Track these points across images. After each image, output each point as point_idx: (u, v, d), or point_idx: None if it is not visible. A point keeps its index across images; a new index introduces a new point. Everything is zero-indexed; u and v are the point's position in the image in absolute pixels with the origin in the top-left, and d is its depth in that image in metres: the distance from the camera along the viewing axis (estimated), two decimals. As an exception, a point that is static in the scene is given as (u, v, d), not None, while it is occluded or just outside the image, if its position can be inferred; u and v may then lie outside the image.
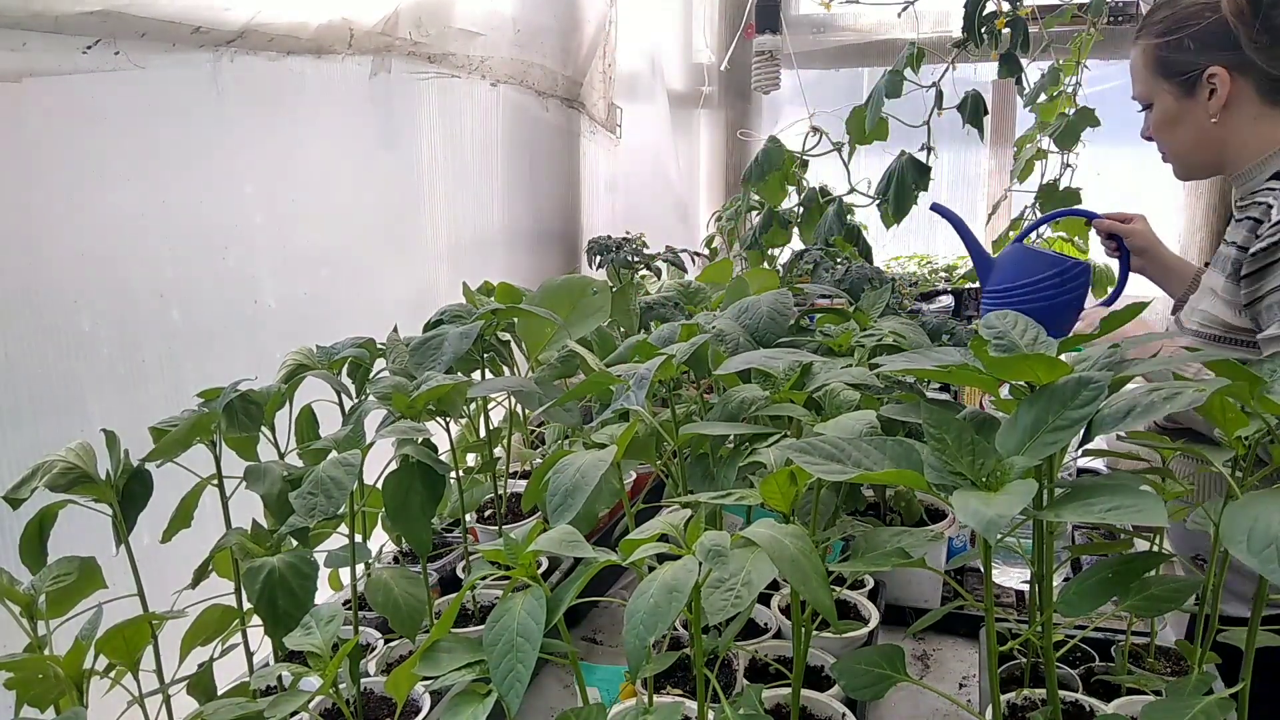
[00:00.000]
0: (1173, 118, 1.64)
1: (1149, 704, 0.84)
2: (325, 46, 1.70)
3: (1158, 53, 1.63)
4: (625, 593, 1.66)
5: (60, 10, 1.21)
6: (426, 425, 1.20)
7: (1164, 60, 1.62)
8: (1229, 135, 1.58)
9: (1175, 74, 1.60)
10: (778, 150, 3.18)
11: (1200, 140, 1.62)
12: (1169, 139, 1.67)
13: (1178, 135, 1.65)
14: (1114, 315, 0.98)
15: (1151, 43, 1.64)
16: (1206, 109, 1.58)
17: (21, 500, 1.02)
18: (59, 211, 1.28)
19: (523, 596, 0.83)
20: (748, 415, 1.13)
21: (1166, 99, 1.64)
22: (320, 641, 0.98)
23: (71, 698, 0.98)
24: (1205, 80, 1.56)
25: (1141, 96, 1.70)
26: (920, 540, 0.89)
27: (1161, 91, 1.64)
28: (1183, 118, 1.62)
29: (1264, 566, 0.62)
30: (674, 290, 1.89)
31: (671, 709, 0.87)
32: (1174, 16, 1.60)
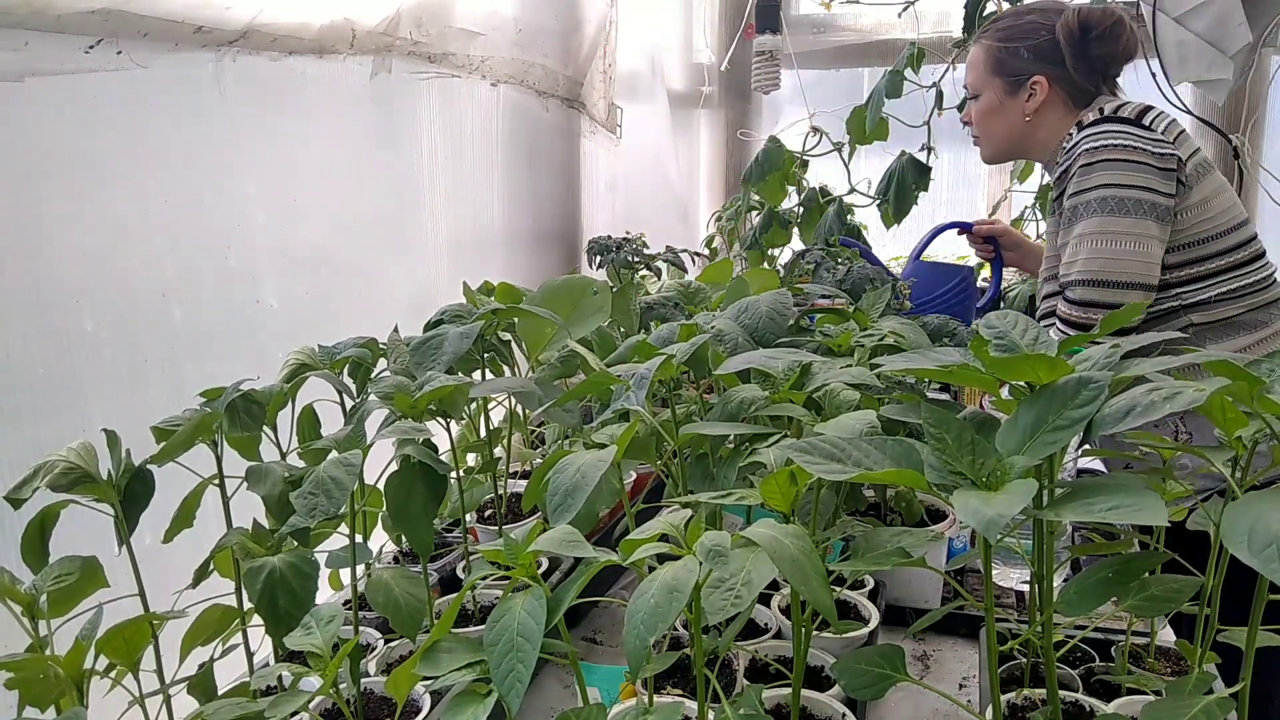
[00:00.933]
0: (994, 110, 1.98)
1: (1149, 704, 0.85)
2: (327, 46, 1.70)
3: (997, 54, 1.95)
4: (625, 593, 1.66)
5: (62, 9, 1.21)
6: (427, 425, 1.20)
7: (1000, 62, 1.95)
8: (1035, 132, 1.96)
9: (1006, 74, 1.94)
10: (778, 150, 3.19)
11: (1010, 132, 1.98)
12: (988, 125, 2.02)
13: (994, 125, 2.00)
14: (1114, 315, 0.98)
15: (993, 44, 1.96)
16: (1023, 108, 1.94)
17: (23, 500, 1.02)
18: (61, 211, 1.28)
19: (523, 596, 0.83)
20: (747, 415, 1.13)
21: (993, 94, 1.97)
22: (320, 641, 0.98)
23: (72, 698, 0.98)
24: (1029, 85, 1.91)
25: (973, 86, 2.02)
26: (920, 540, 0.89)
27: (991, 87, 1.97)
28: (1002, 111, 1.97)
29: (1265, 566, 0.62)
30: (674, 290, 1.89)
31: (672, 709, 0.87)
32: (1016, 27, 1.94)
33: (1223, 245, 1.78)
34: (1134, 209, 1.68)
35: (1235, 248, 1.79)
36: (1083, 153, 1.76)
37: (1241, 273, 1.79)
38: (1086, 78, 1.88)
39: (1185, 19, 2.93)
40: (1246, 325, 1.80)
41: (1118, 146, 1.72)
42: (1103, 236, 1.70)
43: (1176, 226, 1.74)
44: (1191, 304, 1.76)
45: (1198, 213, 1.76)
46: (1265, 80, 3.25)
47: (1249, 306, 1.79)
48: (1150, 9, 2.94)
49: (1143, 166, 1.70)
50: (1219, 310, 1.78)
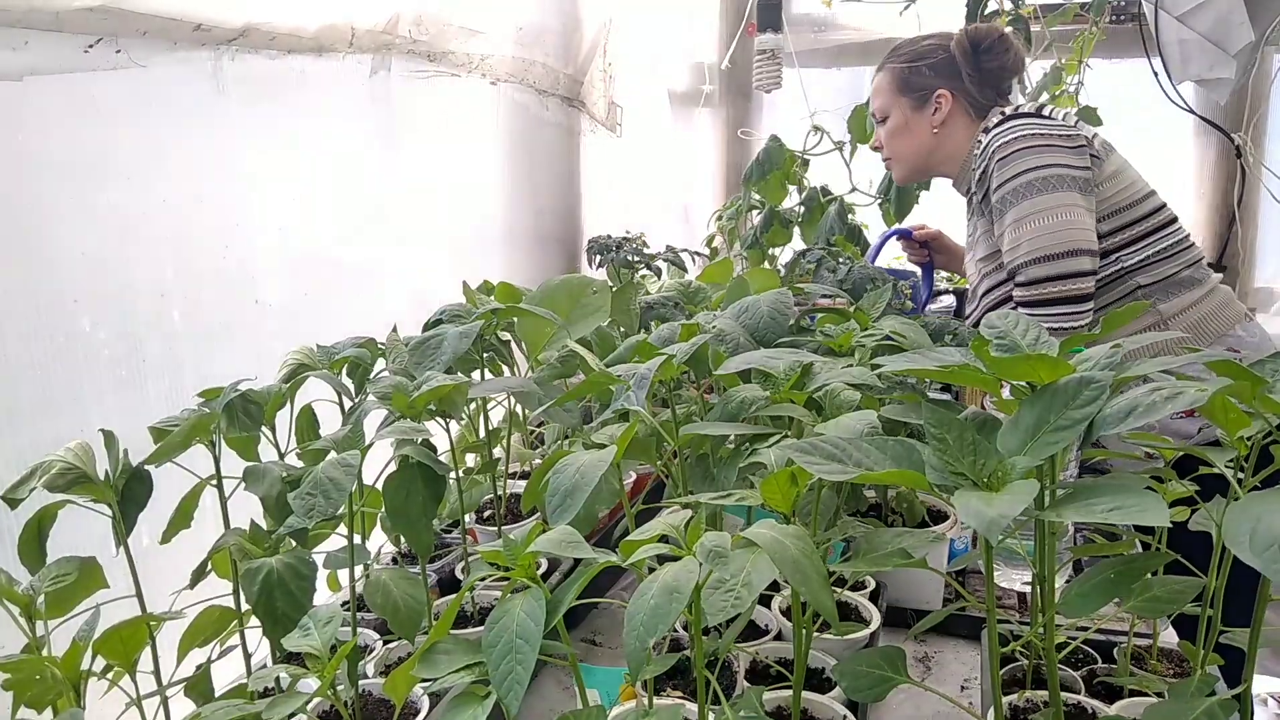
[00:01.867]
0: (903, 127, 2.13)
1: (1151, 706, 0.84)
2: (326, 45, 1.70)
3: (901, 75, 2.12)
4: (625, 594, 1.65)
5: (61, 7, 1.20)
6: (426, 425, 1.20)
7: (905, 81, 2.11)
8: (942, 144, 2.10)
9: (912, 92, 2.11)
10: (779, 149, 3.18)
11: (920, 147, 2.13)
12: (898, 144, 2.16)
13: (904, 142, 2.14)
14: (1114, 314, 0.98)
15: (898, 66, 2.12)
16: (930, 122, 2.09)
17: (20, 500, 1.02)
18: (59, 210, 1.28)
19: (522, 598, 0.83)
20: (748, 415, 1.13)
21: (901, 112, 2.13)
22: (318, 643, 0.97)
23: (69, 699, 0.98)
24: (934, 99, 2.08)
25: (881, 110, 2.17)
26: (922, 541, 0.88)
27: (898, 106, 2.13)
28: (911, 127, 2.12)
29: (1267, 567, 0.62)
30: (674, 290, 1.89)
31: (672, 711, 0.87)
32: (915, 50, 2.12)
33: (1141, 211, 1.93)
34: (1056, 184, 1.84)
35: (1152, 213, 1.94)
36: (996, 148, 1.91)
37: (1165, 234, 1.94)
38: (982, 90, 2.06)
39: (1187, 18, 2.92)
40: (1189, 282, 1.93)
41: (1027, 135, 1.88)
42: (1035, 215, 1.85)
43: (1100, 197, 1.89)
44: (1132, 267, 1.91)
45: (1114, 184, 1.91)
46: (1267, 79, 3.25)
47: (1185, 263, 1.94)
48: (1152, 8, 2.94)
49: (1054, 148, 1.86)
50: (1159, 269, 1.92)
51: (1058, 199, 1.83)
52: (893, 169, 2.23)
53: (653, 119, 3.44)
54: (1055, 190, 1.83)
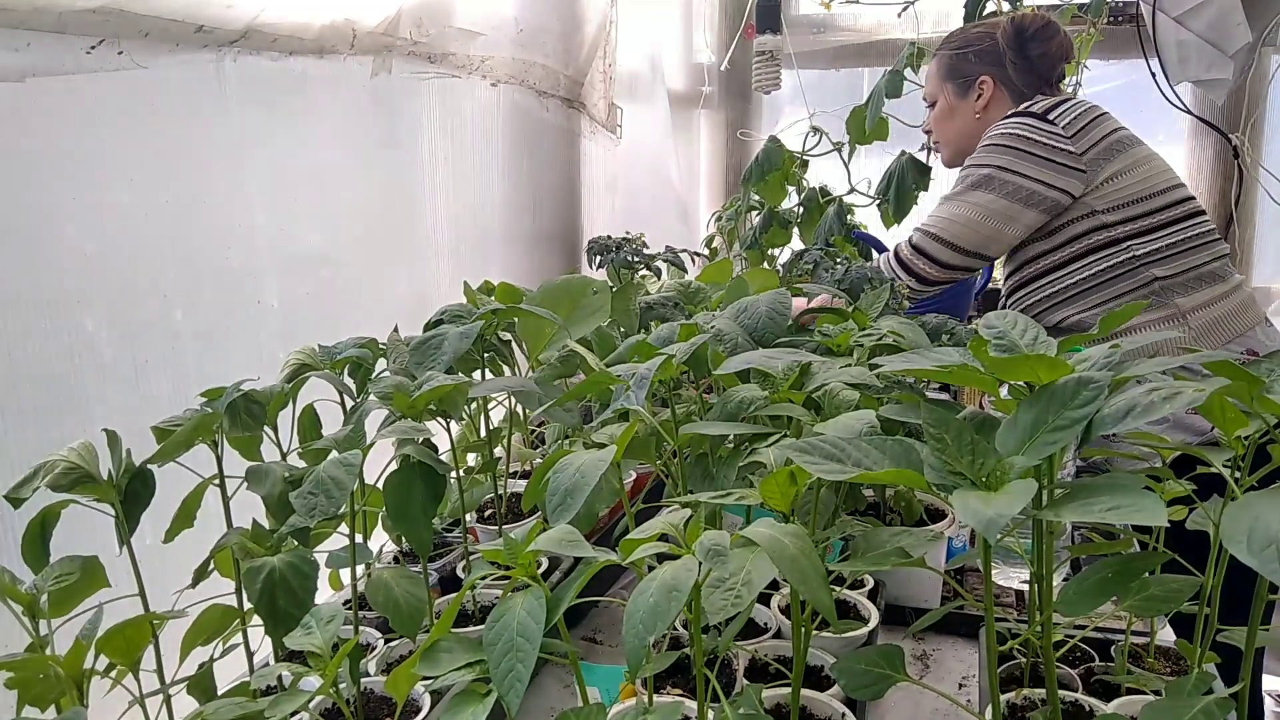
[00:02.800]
0: (948, 113, 2.21)
1: (1148, 704, 0.85)
2: (328, 46, 1.71)
3: (949, 62, 2.19)
4: (625, 592, 1.66)
5: (63, 9, 1.21)
6: (427, 425, 1.20)
7: (951, 68, 2.18)
8: (985, 128, 2.09)
9: (957, 78, 2.18)
10: (778, 150, 3.18)
11: (963, 131, 2.18)
12: (944, 128, 2.23)
13: (949, 126, 2.22)
14: (1113, 314, 0.98)
15: (946, 54, 2.20)
16: (973, 108, 2.16)
17: (23, 500, 1.03)
18: (61, 211, 1.28)
19: (523, 596, 0.83)
20: (747, 415, 1.13)
21: (946, 98, 2.20)
22: (320, 641, 0.98)
23: (72, 697, 0.98)
24: (977, 85, 2.14)
25: (930, 95, 2.26)
26: (920, 540, 0.89)
27: (944, 92, 2.20)
28: (955, 112, 2.19)
29: (1264, 567, 0.62)
30: (674, 290, 1.89)
31: (671, 709, 0.87)
32: (964, 37, 2.20)
33: (1162, 201, 1.95)
34: (1001, 189, 1.94)
35: (1174, 204, 1.96)
36: (987, 137, 2.02)
37: (1188, 224, 1.95)
38: (1027, 77, 2.10)
39: (1185, 18, 2.93)
40: (1210, 277, 1.95)
41: (1014, 135, 1.96)
42: (961, 203, 1.97)
43: (1101, 194, 1.93)
44: (1147, 256, 1.92)
45: (1124, 179, 1.94)
46: (1265, 79, 3.25)
47: (1209, 257, 1.95)
48: (1150, 8, 2.94)
49: (1031, 156, 1.93)
50: (1181, 262, 1.93)
51: (991, 200, 1.95)
52: (940, 151, 2.31)
53: (652, 120, 3.44)
54: (997, 193, 1.94)
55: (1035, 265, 2.03)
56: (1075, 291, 1.99)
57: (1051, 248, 2.00)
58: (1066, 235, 1.97)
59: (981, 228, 1.96)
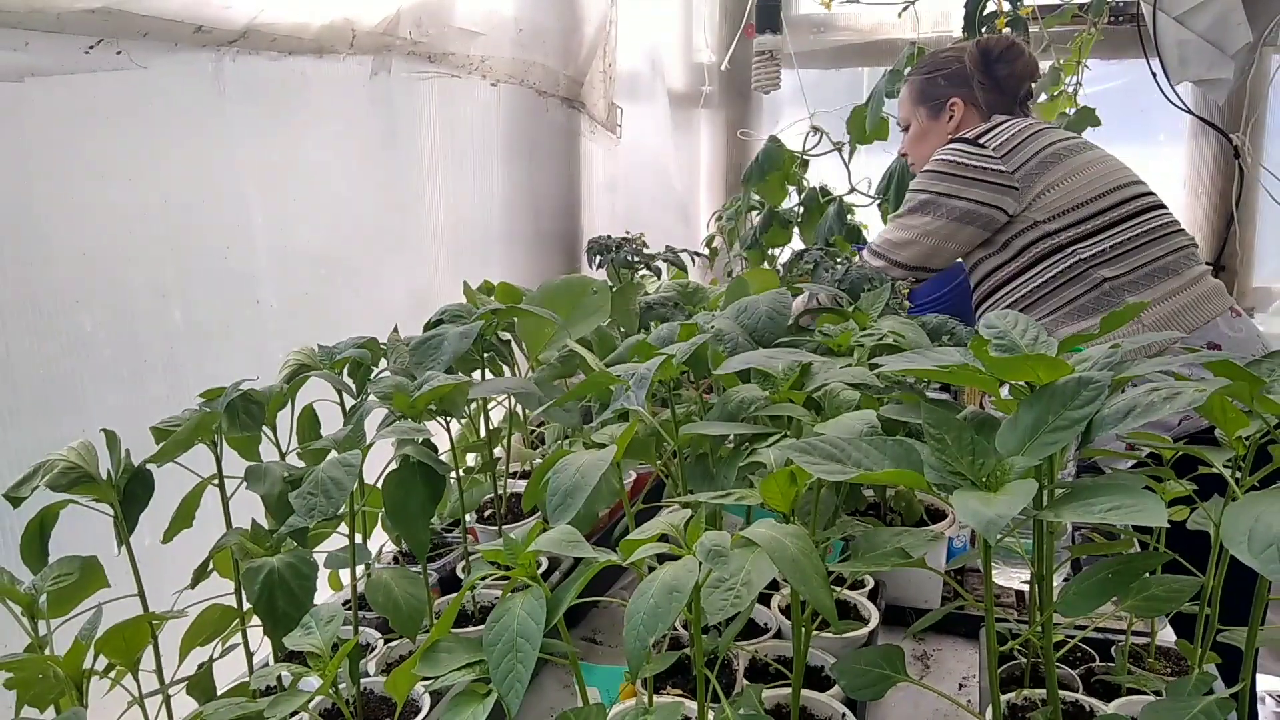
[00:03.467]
0: (922, 135, 2.28)
1: (1149, 704, 0.85)
2: (327, 46, 1.70)
3: (920, 86, 2.26)
4: (625, 593, 1.66)
5: (62, 9, 1.21)
6: (427, 425, 1.20)
7: (922, 92, 2.26)
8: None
9: (928, 101, 2.25)
10: (778, 150, 3.19)
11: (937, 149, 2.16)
12: (919, 150, 2.28)
13: (923, 148, 2.25)
14: (1113, 314, 0.98)
15: (917, 78, 2.28)
16: (945, 129, 2.21)
17: (22, 499, 1.02)
18: (60, 211, 1.28)
19: (523, 597, 0.83)
20: (747, 415, 1.13)
21: (919, 121, 2.28)
22: (320, 641, 0.98)
23: (71, 698, 0.98)
24: (948, 107, 2.21)
25: (904, 119, 2.34)
26: (920, 540, 0.89)
27: (918, 115, 2.28)
28: (928, 135, 2.26)
29: (1265, 567, 0.62)
30: (674, 290, 1.89)
31: (671, 709, 0.87)
32: (933, 61, 2.27)
33: (1104, 204, 2.00)
34: (936, 212, 2.05)
35: (1118, 204, 2.00)
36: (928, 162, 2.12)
37: (1133, 223, 1.99)
38: (994, 97, 2.18)
39: (1186, 18, 2.93)
40: (1162, 272, 1.96)
41: (948, 161, 2.06)
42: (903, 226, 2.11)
43: (1038, 205, 2.00)
44: (1093, 259, 1.97)
45: (1061, 188, 2.01)
46: (1266, 79, 3.25)
47: (1161, 253, 1.98)
48: (1151, 9, 2.94)
49: (964, 179, 2.04)
50: (1128, 260, 1.97)
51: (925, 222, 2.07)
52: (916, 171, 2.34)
53: (652, 120, 3.44)
54: (928, 214, 2.07)
55: (992, 278, 2.12)
56: (1031, 300, 2.05)
57: (1004, 261, 2.08)
58: (1015, 248, 2.05)
59: (921, 246, 2.08)
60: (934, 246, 2.09)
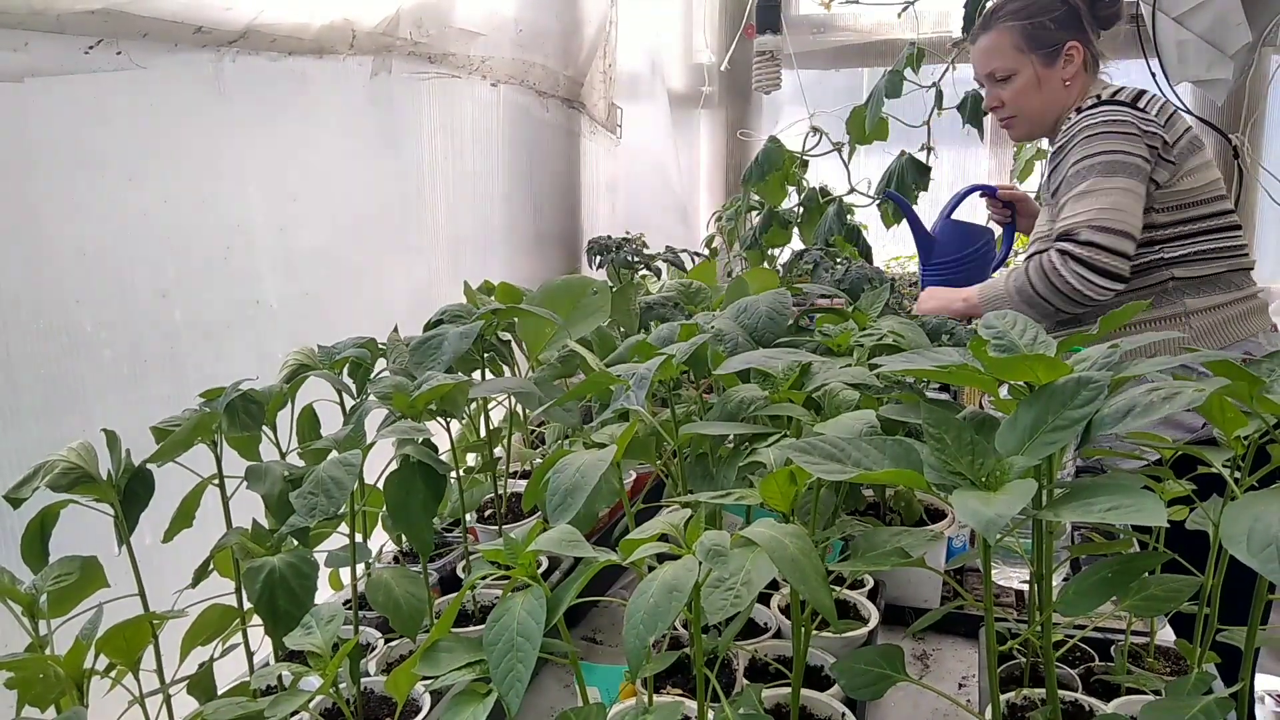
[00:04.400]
0: (1033, 85, 2.09)
1: (1148, 704, 0.85)
2: (327, 47, 1.71)
3: (1028, 31, 2.07)
4: (625, 592, 1.66)
5: (62, 9, 1.21)
6: (427, 425, 1.20)
7: (1033, 37, 2.07)
8: (1070, 97, 2.08)
9: (1041, 47, 2.06)
10: (778, 150, 3.19)
11: (1051, 102, 2.09)
12: (1028, 101, 2.11)
13: (1034, 99, 2.10)
14: (1113, 314, 0.98)
15: (1018, 24, 2.09)
16: (1062, 75, 2.07)
17: (23, 500, 1.03)
18: (61, 211, 1.28)
19: (523, 596, 0.83)
20: (747, 415, 1.13)
21: (1031, 69, 2.08)
22: (320, 641, 0.98)
23: (72, 697, 0.98)
24: (1065, 52, 2.05)
25: (1003, 69, 2.12)
26: (920, 540, 0.89)
27: (1027, 63, 2.08)
28: (1043, 84, 2.08)
29: (1264, 567, 0.62)
30: (674, 290, 1.89)
31: (671, 708, 0.87)
32: (1035, 5, 2.08)
33: (1205, 211, 1.97)
34: (1123, 170, 1.89)
35: (1216, 214, 1.98)
36: (1081, 129, 1.94)
37: (1220, 236, 1.98)
38: (1096, 40, 2.08)
39: (1185, 19, 2.93)
40: (1224, 284, 1.98)
41: (1114, 121, 1.92)
42: (1101, 192, 1.90)
43: (1166, 191, 1.94)
44: (1173, 259, 1.95)
45: (1188, 181, 1.95)
46: (1265, 80, 3.25)
47: (1228, 267, 1.98)
48: (1150, 9, 2.95)
49: (1131, 138, 1.90)
50: (1199, 268, 1.96)
51: (1124, 183, 1.88)
52: (1013, 127, 2.20)
53: (652, 120, 3.45)
54: (1122, 174, 1.89)
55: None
56: None
57: None
58: None
59: (1135, 209, 1.90)
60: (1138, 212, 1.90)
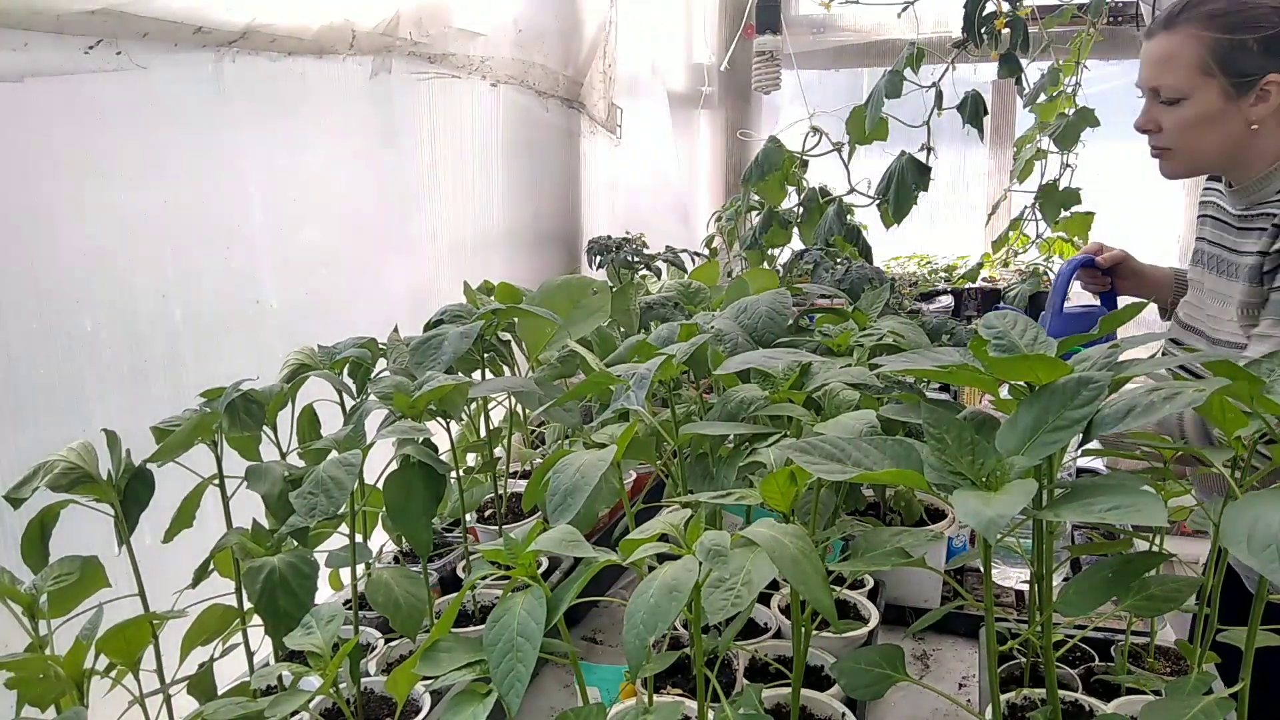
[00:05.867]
0: (1211, 116, 1.56)
1: (1148, 704, 0.85)
2: (327, 47, 1.71)
3: (1218, 47, 1.53)
4: (625, 593, 1.66)
5: (61, 10, 1.21)
6: (427, 425, 1.20)
7: (1225, 57, 1.53)
8: (1255, 143, 1.56)
9: (1232, 73, 1.52)
10: (778, 150, 3.18)
11: (1226, 143, 1.57)
12: (1194, 137, 1.59)
13: (1206, 135, 1.58)
14: (1113, 315, 0.98)
15: (1211, 35, 1.54)
16: (1248, 114, 1.53)
17: (23, 500, 1.03)
18: (61, 211, 1.28)
19: (523, 596, 0.83)
20: (747, 415, 1.13)
21: (1211, 96, 1.55)
22: (320, 641, 0.98)
23: (72, 697, 0.98)
24: (1261, 85, 1.51)
25: (1172, 89, 1.58)
26: (920, 540, 0.89)
27: (1207, 88, 1.55)
28: (1222, 118, 1.55)
29: (1264, 567, 0.62)
30: (674, 290, 1.89)
31: (671, 709, 0.87)
32: (1241, 15, 1.53)
33: None
34: None
35: None
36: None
37: None
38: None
39: (1185, 19, 2.92)
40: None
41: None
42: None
43: None
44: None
45: None
46: (1265, 80, 3.25)
47: None
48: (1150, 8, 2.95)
49: None
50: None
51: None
52: (1168, 162, 1.66)
53: (652, 120, 3.45)
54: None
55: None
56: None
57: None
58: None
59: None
60: None
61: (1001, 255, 3.65)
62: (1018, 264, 3.63)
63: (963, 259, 3.77)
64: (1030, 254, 3.62)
